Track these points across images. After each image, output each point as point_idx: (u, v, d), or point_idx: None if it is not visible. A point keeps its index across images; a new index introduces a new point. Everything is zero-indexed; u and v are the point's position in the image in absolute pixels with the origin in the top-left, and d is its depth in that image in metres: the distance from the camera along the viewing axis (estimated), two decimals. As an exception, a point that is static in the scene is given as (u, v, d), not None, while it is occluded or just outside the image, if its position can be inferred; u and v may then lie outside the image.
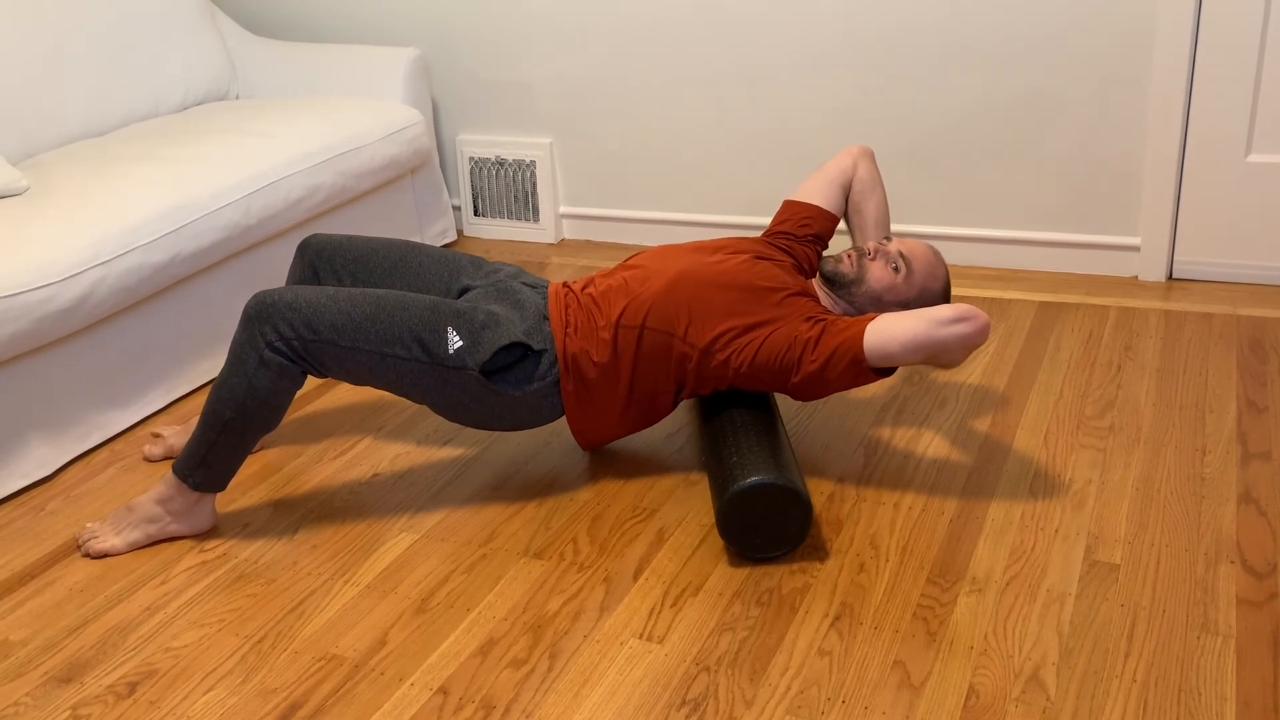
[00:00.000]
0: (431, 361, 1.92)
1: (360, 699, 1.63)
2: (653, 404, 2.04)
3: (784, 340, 1.94)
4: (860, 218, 2.26)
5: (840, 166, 2.25)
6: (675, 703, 1.58)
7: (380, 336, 1.91)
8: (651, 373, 2.00)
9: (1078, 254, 2.94)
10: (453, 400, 1.97)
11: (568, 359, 1.99)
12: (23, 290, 2.16)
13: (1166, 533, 1.88)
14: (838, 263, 2.08)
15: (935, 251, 2.10)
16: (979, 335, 1.83)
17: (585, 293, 2.07)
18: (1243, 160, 2.72)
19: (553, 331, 2.00)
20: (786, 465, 1.86)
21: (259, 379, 1.89)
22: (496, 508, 2.09)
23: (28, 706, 1.66)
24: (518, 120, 3.45)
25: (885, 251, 2.07)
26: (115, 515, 2.03)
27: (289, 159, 2.77)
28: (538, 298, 2.06)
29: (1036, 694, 1.55)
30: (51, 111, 2.90)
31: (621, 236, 3.44)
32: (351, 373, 1.94)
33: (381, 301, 1.93)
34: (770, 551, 1.86)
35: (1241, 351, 2.48)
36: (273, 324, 1.88)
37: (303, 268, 2.21)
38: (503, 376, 1.96)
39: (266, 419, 1.94)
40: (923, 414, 2.31)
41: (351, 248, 2.19)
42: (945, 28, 2.86)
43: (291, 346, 1.89)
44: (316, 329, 1.89)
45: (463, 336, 1.93)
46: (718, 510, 1.84)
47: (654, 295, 1.99)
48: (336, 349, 1.90)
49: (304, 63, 3.37)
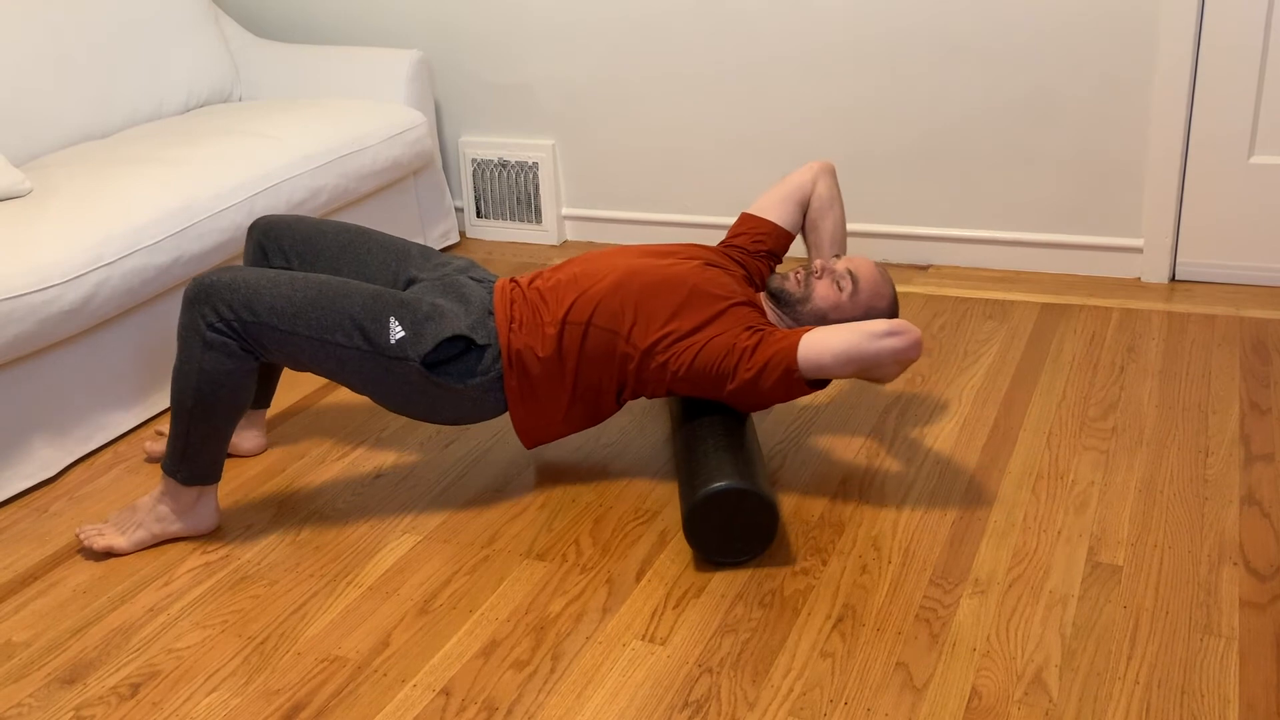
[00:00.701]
0: (372, 350, 1.91)
1: (363, 700, 1.63)
2: (596, 403, 2.03)
3: (722, 348, 1.93)
4: (816, 235, 2.26)
5: (799, 182, 2.25)
6: (678, 704, 1.58)
7: (321, 323, 1.89)
8: (595, 371, 1.99)
9: (1080, 255, 2.94)
10: (393, 391, 1.95)
11: (511, 354, 1.98)
12: (26, 292, 2.16)
13: (1169, 534, 1.87)
14: (784, 280, 2.09)
15: (882, 270, 2.11)
16: (911, 350, 1.83)
17: (532, 287, 2.05)
18: (1245, 162, 2.72)
19: (497, 327, 1.99)
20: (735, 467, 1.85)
21: (208, 362, 1.87)
22: (499, 509, 2.09)
23: (31, 708, 1.66)
24: (520, 122, 3.46)
25: (832, 270, 2.07)
26: (119, 516, 2.03)
27: (292, 161, 2.77)
28: (484, 292, 2.05)
29: (1039, 696, 1.55)
30: (55, 113, 2.90)
31: (624, 238, 3.44)
32: (293, 358, 1.92)
33: (324, 287, 1.91)
34: (747, 554, 1.86)
35: (1244, 353, 2.48)
36: (212, 305, 1.86)
37: (252, 248, 2.19)
38: (445, 369, 1.95)
39: (229, 401, 1.91)
40: (925, 415, 2.31)
41: (300, 228, 2.18)
42: (947, 29, 2.86)
43: (232, 327, 1.87)
44: (256, 311, 1.87)
45: (405, 327, 1.91)
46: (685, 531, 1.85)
47: (602, 292, 1.99)
48: (277, 333, 1.88)
49: (307, 64, 3.37)
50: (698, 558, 1.90)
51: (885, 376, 1.91)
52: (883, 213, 3.10)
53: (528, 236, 3.53)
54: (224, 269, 1.90)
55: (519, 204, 3.51)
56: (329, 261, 2.15)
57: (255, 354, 1.91)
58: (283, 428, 2.45)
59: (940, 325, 2.72)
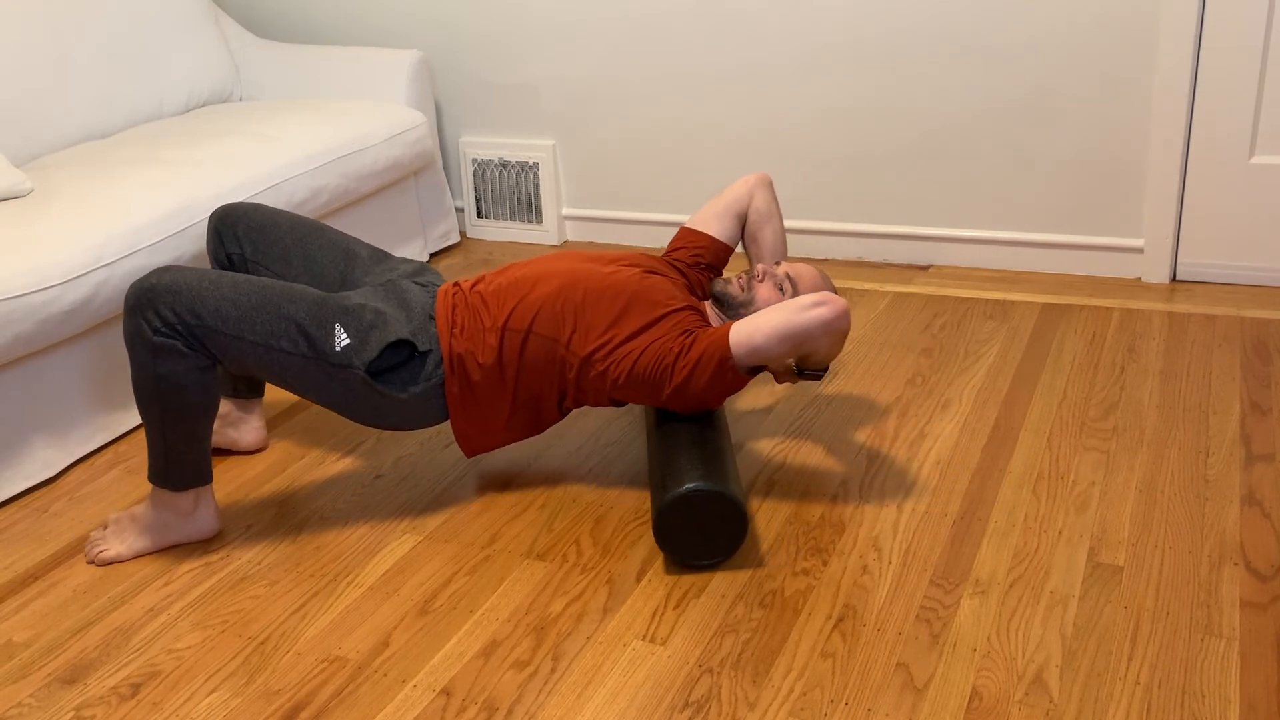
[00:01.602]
0: (317, 357, 1.89)
1: (363, 700, 1.63)
2: (537, 411, 2.02)
3: (658, 352, 1.93)
4: (757, 246, 2.27)
5: (736, 196, 2.26)
6: (678, 705, 1.58)
7: (266, 328, 1.87)
8: (536, 379, 1.98)
9: (1081, 256, 2.94)
10: (336, 397, 1.94)
11: (453, 360, 1.96)
12: (26, 292, 2.16)
13: (1170, 535, 1.87)
14: (726, 284, 2.09)
15: (823, 274, 2.11)
16: (839, 319, 1.84)
17: (474, 291, 2.04)
18: (1246, 162, 2.72)
19: (439, 332, 1.98)
20: (659, 484, 1.85)
21: (162, 367, 1.85)
22: (499, 510, 2.09)
23: (31, 708, 1.66)
24: (521, 122, 3.46)
25: (773, 274, 2.08)
26: (119, 524, 2.03)
27: (292, 161, 2.77)
28: (426, 297, 2.04)
29: (1040, 696, 1.55)
30: (55, 114, 2.90)
31: (624, 238, 3.44)
32: (238, 362, 1.90)
33: (267, 291, 1.89)
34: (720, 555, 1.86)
35: (1245, 353, 2.48)
36: (155, 309, 1.83)
37: (210, 233, 2.19)
38: (388, 377, 1.93)
39: (197, 401, 1.89)
40: (926, 416, 2.31)
41: (257, 216, 2.17)
42: (948, 29, 2.86)
43: (177, 331, 1.84)
44: (200, 314, 1.84)
45: (350, 334, 1.90)
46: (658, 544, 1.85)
47: (542, 299, 1.98)
48: (223, 337, 1.86)
49: (307, 65, 3.38)
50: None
51: (818, 350, 1.90)
52: (883, 213, 3.10)
53: (528, 237, 3.53)
54: (162, 270, 1.87)
55: (519, 204, 3.51)
56: (279, 253, 2.14)
57: (202, 350, 1.88)
58: (283, 428, 2.45)
59: (941, 325, 2.72)
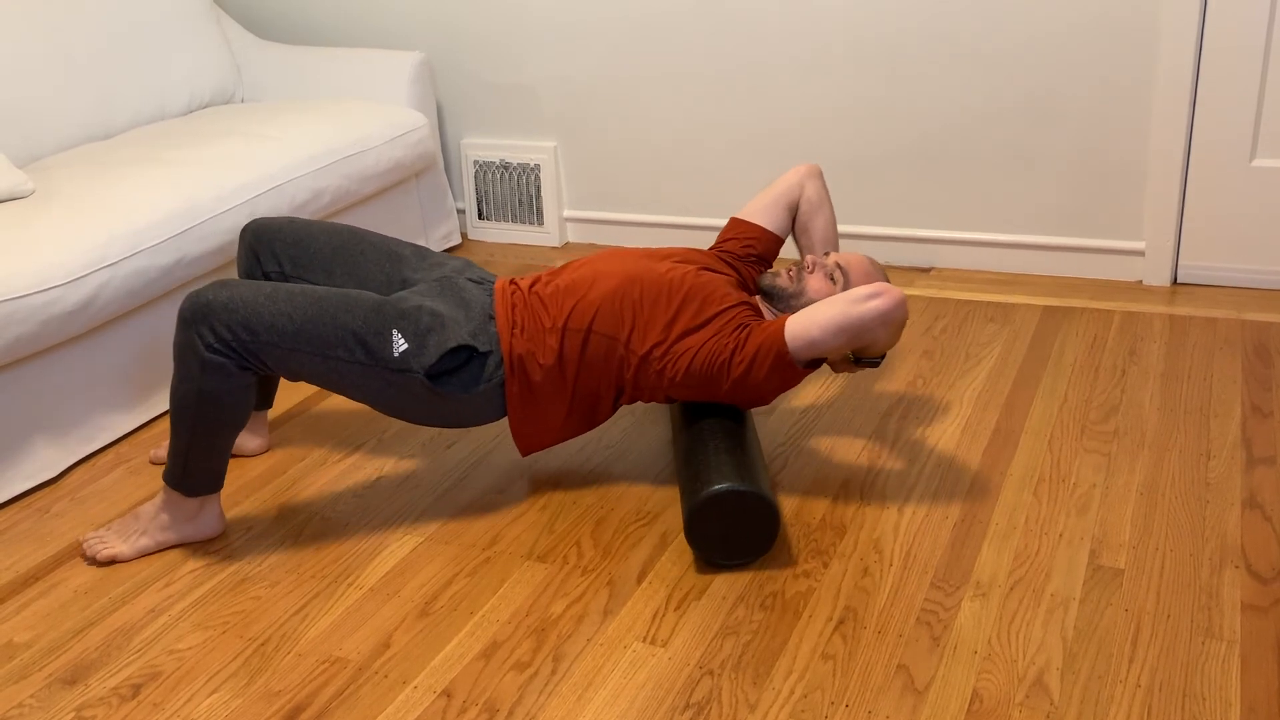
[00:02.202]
0: (375, 364, 1.89)
1: (364, 702, 1.63)
2: (594, 409, 2.03)
3: (715, 350, 1.93)
4: (807, 237, 2.27)
5: (787, 186, 2.26)
6: (679, 706, 1.58)
7: (323, 339, 1.87)
8: (594, 377, 1.99)
9: (1082, 258, 2.94)
10: (396, 402, 1.94)
11: (514, 360, 1.96)
12: (28, 293, 2.16)
13: (1171, 537, 1.87)
14: (775, 277, 2.10)
15: (874, 262, 2.11)
16: (896, 309, 1.84)
17: (533, 291, 2.04)
18: (1247, 164, 2.72)
19: (499, 331, 1.97)
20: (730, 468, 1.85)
21: (207, 383, 1.86)
22: (500, 511, 2.09)
23: (32, 708, 1.66)
24: (522, 124, 3.46)
25: (823, 264, 2.08)
26: (121, 523, 2.03)
27: (294, 162, 2.78)
28: (483, 295, 2.03)
29: (1040, 699, 1.55)
30: (57, 115, 2.90)
31: (626, 240, 3.44)
32: (294, 373, 1.90)
33: (323, 301, 1.89)
34: (748, 555, 1.86)
35: (1246, 356, 2.47)
36: (209, 325, 1.84)
37: (245, 252, 2.17)
38: (448, 380, 1.93)
39: (229, 416, 1.90)
40: (927, 418, 2.31)
41: (292, 231, 2.15)
42: (949, 31, 2.87)
43: (231, 347, 1.84)
44: (255, 330, 1.84)
45: (407, 339, 1.89)
46: (686, 535, 1.85)
47: (601, 298, 1.98)
48: (278, 350, 1.86)
49: (309, 66, 3.38)
50: (698, 560, 1.90)
51: (877, 341, 1.90)
52: (884, 215, 3.10)
53: (530, 238, 3.54)
54: (219, 285, 1.87)
55: (521, 206, 3.51)
56: (322, 265, 2.13)
57: (254, 370, 1.89)
58: (284, 429, 2.45)
59: (942, 328, 2.72)
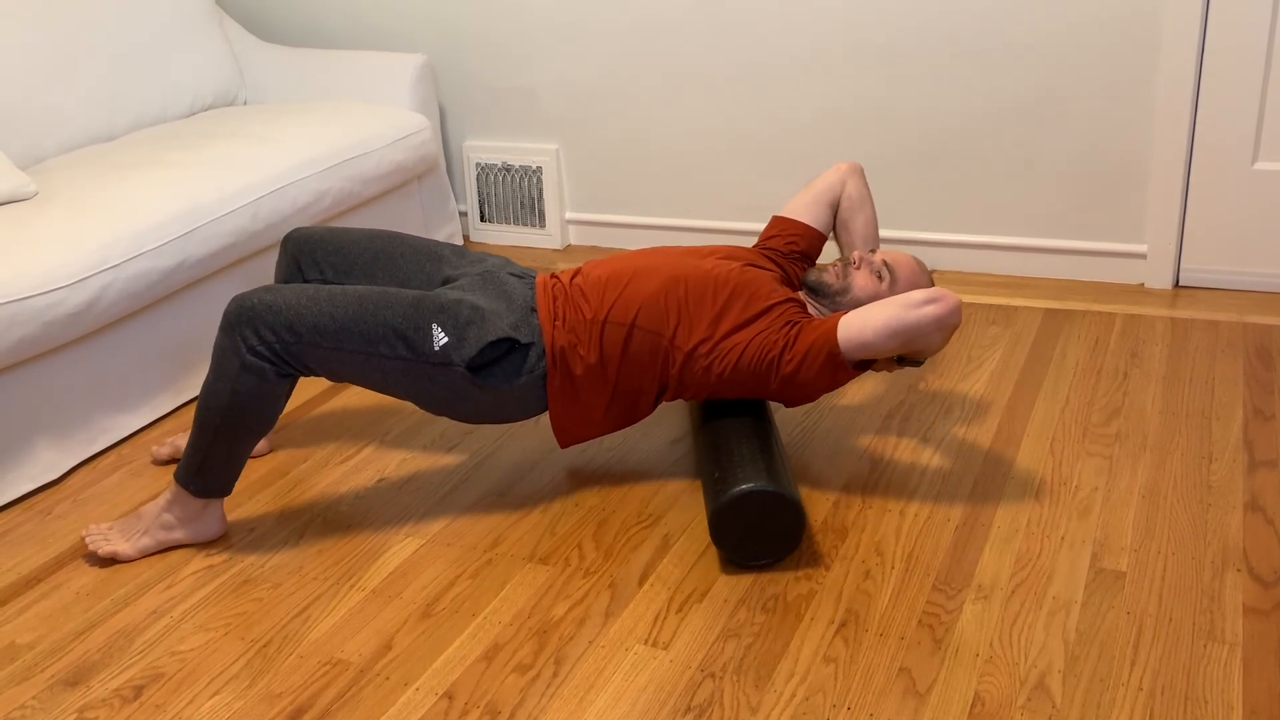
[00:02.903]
0: (416, 359, 1.90)
1: (365, 704, 1.63)
2: (635, 404, 2.03)
3: (763, 346, 1.94)
4: (848, 234, 2.27)
5: (829, 183, 2.26)
6: (680, 709, 1.58)
7: (364, 336, 1.88)
8: (637, 373, 1.99)
9: (1084, 261, 2.94)
10: (438, 397, 1.95)
11: (555, 352, 1.97)
12: (30, 295, 2.17)
13: (1173, 540, 1.87)
14: (822, 273, 2.10)
15: (919, 261, 2.12)
16: (952, 314, 1.83)
17: (574, 283, 2.05)
18: (1249, 167, 2.72)
19: (541, 323, 1.98)
20: (774, 471, 1.86)
21: (242, 384, 1.87)
22: (502, 513, 2.09)
23: (34, 709, 1.66)
24: (524, 126, 3.46)
25: (869, 261, 2.09)
26: (124, 522, 2.03)
27: (296, 164, 2.78)
28: (525, 288, 2.04)
29: (1042, 702, 1.55)
30: (59, 117, 2.91)
31: (628, 242, 3.44)
32: (335, 372, 1.92)
33: (364, 300, 1.91)
34: (766, 557, 1.86)
35: (1248, 359, 2.47)
36: (254, 328, 1.86)
37: (286, 262, 2.19)
38: (490, 371, 1.94)
39: (256, 422, 1.92)
40: (928, 420, 2.31)
41: (332, 239, 2.17)
42: (951, 33, 2.87)
43: (274, 350, 1.86)
44: (298, 331, 1.86)
45: (448, 333, 1.90)
46: (710, 523, 1.84)
47: (646, 295, 1.99)
48: (320, 350, 1.88)
49: (311, 68, 3.38)
50: (704, 558, 1.90)
51: (929, 346, 1.89)
52: (886, 217, 3.10)
53: (531, 240, 3.54)
54: (265, 289, 1.89)
55: (523, 208, 3.51)
56: (364, 269, 2.15)
57: (294, 375, 1.91)
58: (287, 431, 2.46)
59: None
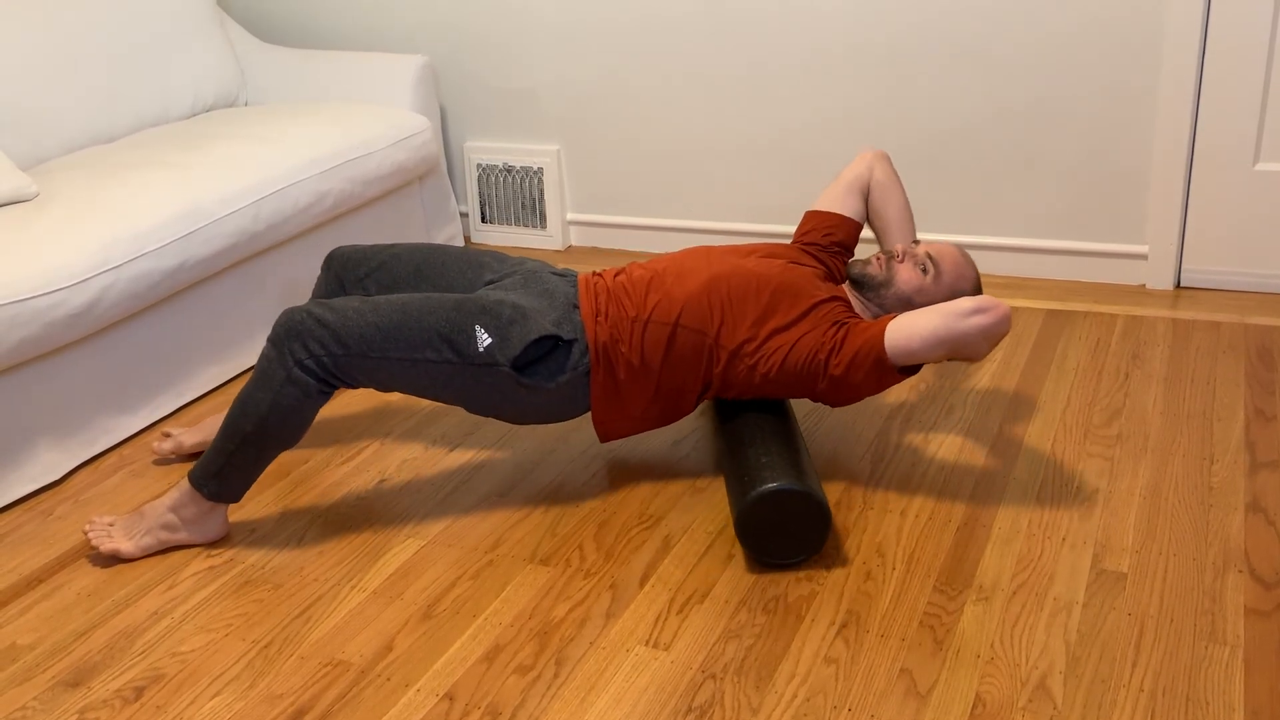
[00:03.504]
0: (462, 361, 1.91)
1: (366, 705, 1.63)
2: (677, 402, 2.04)
3: (810, 347, 1.94)
4: (883, 221, 2.25)
5: (856, 172, 2.25)
6: (681, 710, 1.58)
7: (409, 343, 1.90)
8: (680, 372, 2.00)
9: (1085, 262, 2.94)
10: (485, 398, 1.96)
11: (599, 348, 1.98)
12: (32, 295, 2.17)
13: (1174, 541, 1.87)
14: (865, 265, 2.08)
15: (964, 253, 2.10)
16: (1000, 325, 1.82)
17: (617, 280, 2.06)
18: (1250, 168, 2.72)
19: (583, 319, 1.99)
20: (812, 475, 1.87)
21: (285, 396, 1.89)
22: (503, 514, 2.09)
23: (35, 710, 1.66)
24: (525, 127, 3.46)
25: (913, 254, 2.07)
26: (127, 520, 2.03)
27: (297, 165, 2.78)
28: (567, 286, 2.06)
29: (1043, 703, 1.55)
30: (61, 118, 2.91)
31: (629, 244, 3.44)
32: (383, 382, 1.94)
33: (407, 307, 1.93)
34: (781, 558, 1.86)
35: (1249, 360, 2.47)
36: (302, 341, 1.87)
37: (329, 281, 2.22)
38: (535, 369, 1.95)
39: (287, 435, 1.93)
40: (930, 421, 2.31)
41: (374, 255, 2.20)
42: (953, 34, 2.87)
43: (321, 364, 1.88)
44: (346, 343, 1.88)
45: (491, 333, 1.92)
46: (742, 508, 1.82)
47: (690, 294, 1.99)
48: (367, 361, 1.89)
49: (312, 69, 3.38)
50: (705, 559, 1.90)
51: (975, 354, 1.88)
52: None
53: (532, 242, 3.54)
54: (312, 303, 1.91)
55: (524, 209, 3.51)
56: (407, 284, 2.17)
57: (342, 385, 1.92)
58: (287, 432, 2.46)
59: (945, 331, 2.72)
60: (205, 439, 2.31)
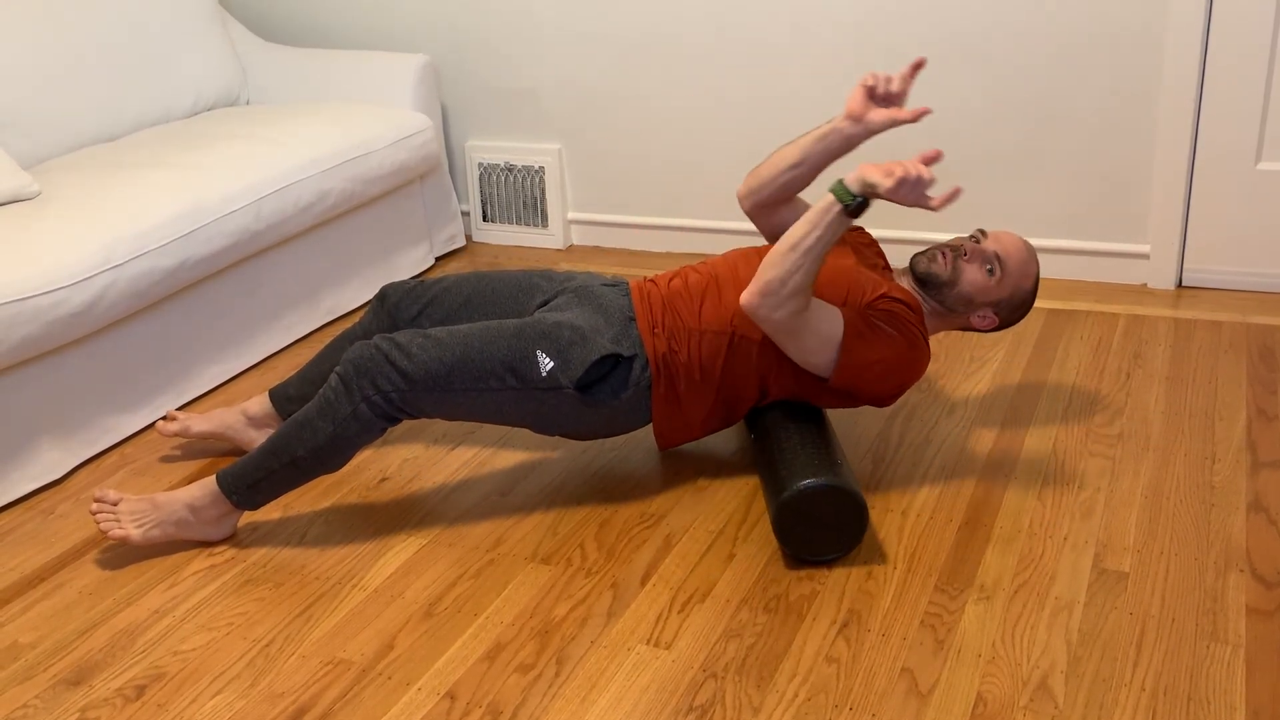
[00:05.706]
0: (525, 387, 1.93)
1: (367, 703, 1.63)
2: (734, 408, 2.06)
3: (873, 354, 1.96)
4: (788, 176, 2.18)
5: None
6: (682, 709, 1.58)
7: (473, 374, 1.92)
8: (739, 379, 2.01)
9: (1087, 261, 2.94)
10: (552, 419, 1.99)
11: (658, 360, 1.98)
12: (33, 294, 2.17)
13: (1175, 541, 1.87)
14: (931, 261, 2.04)
15: (1029, 249, 2.06)
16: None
17: (671, 286, 2.05)
18: (1252, 168, 2.72)
19: (640, 333, 2.00)
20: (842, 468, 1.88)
21: (347, 428, 1.91)
22: (504, 513, 2.09)
23: (36, 709, 1.66)
24: (527, 126, 3.46)
25: (981, 252, 2.03)
26: (136, 506, 2.01)
27: (299, 164, 2.78)
28: (620, 297, 2.05)
29: (1044, 702, 1.55)
30: (63, 117, 2.91)
31: (630, 243, 3.44)
32: (450, 413, 1.96)
33: (469, 338, 1.94)
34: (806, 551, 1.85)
35: (1251, 359, 2.47)
36: (371, 379, 1.89)
37: (380, 320, 2.24)
38: (598, 389, 1.96)
39: (336, 463, 1.95)
40: (931, 421, 2.31)
41: (424, 291, 2.22)
42: (955, 35, 2.87)
43: (389, 399, 1.90)
44: (413, 380, 1.90)
45: (552, 357, 1.93)
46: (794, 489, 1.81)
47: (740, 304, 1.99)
48: (434, 395, 1.91)
49: (314, 69, 3.38)
50: (706, 558, 1.90)
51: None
52: (888, 218, 3.10)
53: (534, 241, 3.54)
54: (380, 340, 1.92)
55: (525, 208, 3.51)
56: (460, 316, 2.18)
57: (398, 421, 1.94)
58: (288, 431, 2.46)
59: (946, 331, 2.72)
60: (213, 430, 2.31)
